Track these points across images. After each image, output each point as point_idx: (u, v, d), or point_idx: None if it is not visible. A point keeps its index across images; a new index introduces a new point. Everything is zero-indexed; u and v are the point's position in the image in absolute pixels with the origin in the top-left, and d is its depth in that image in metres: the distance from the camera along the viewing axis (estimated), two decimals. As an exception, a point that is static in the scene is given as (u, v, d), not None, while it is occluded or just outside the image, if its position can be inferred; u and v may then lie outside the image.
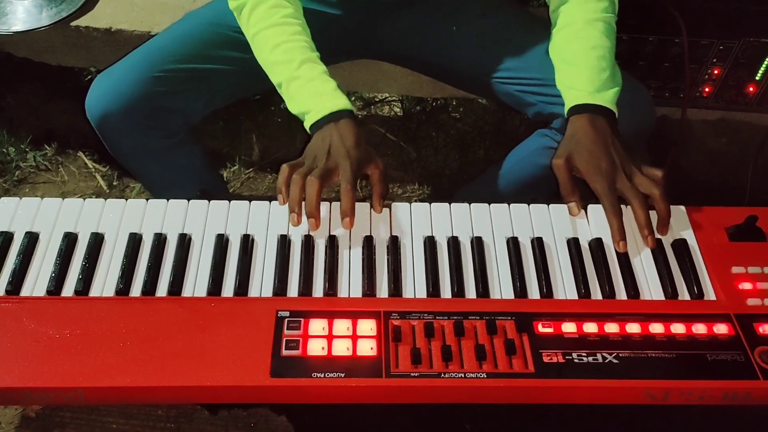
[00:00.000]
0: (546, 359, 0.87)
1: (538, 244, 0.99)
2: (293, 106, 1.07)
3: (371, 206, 1.02)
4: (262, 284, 0.94)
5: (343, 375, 0.85)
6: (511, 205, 1.04)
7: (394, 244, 0.98)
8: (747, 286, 0.96)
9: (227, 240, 0.98)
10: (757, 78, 1.48)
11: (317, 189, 0.97)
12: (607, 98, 1.03)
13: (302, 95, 1.05)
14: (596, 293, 0.95)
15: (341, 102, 1.04)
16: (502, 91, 1.25)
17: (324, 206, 1.02)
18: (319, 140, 1.02)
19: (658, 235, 1.00)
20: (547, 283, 0.95)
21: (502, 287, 0.95)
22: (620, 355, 0.88)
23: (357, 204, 1.02)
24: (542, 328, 0.90)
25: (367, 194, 1.84)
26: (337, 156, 1.00)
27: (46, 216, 1.00)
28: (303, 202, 0.98)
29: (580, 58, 1.06)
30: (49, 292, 0.92)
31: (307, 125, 1.05)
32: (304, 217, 0.98)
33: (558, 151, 1.02)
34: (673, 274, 0.96)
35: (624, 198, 0.98)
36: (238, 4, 1.10)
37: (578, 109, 1.03)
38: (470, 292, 0.94)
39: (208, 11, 1.25)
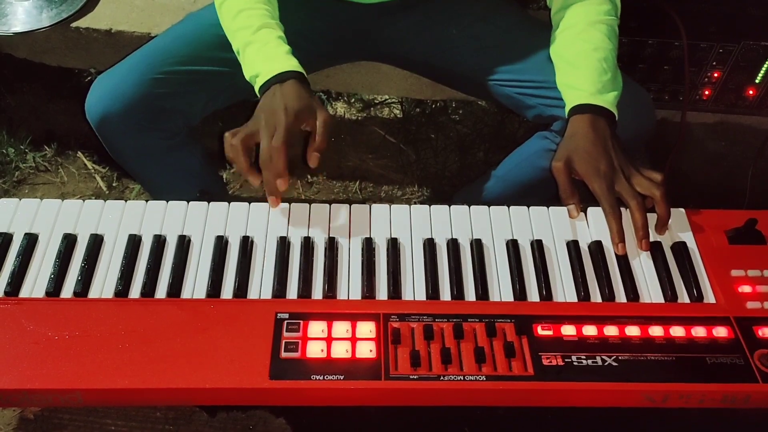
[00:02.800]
0: (545, 362, 0.87)
1: (537, 246, 0.99)
2: (246, 71, 1.07)
3: (369, 206, 1.02)
4: (261, 286, 0.94)
5: (342, 377, 0.84)
6: (511, 207, 1.04)
7: (393, 246, 0.98)
8: (746, 289, 0.96)
9: (226, 241, 0.98)
10: (756, 81, 1.48)
11: (282, 155, 0.95)
12: (608, 100, 1.03)
13: (254, 59, 1.05)
14: (596, 296, 0.95)
15: (290, 64, 1.03)
16: (501, 93, 1.25)
17: (324, 207, 1.02)
18: (264, 100, 1.02)
19: (658, 237, 1.00)
20: (547, 285, 0.95)
21: (501, 290, 0.95)
22: (620, 358, 0.88)
23: (357, 206, 1.03)
24: (542, 331, 0.90)
25: (366, 196, 1.84)
26: (277, 111, 0.98)
27: (45, 217, 1.00)
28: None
29: (581, 60, 1.06)
30: (48, 293, 0.92)
31: (257, 88, 1.05)
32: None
33: (557, 153, 1.02)
34: (673, 277, 0.96)
35: (622, 200, 0.98)
36: None
37: (579, 109, 1.03)
38: (470, 294, 0.94)
39: (209, 13, 1.25)
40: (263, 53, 1.05)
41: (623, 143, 1.02)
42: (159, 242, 0.98)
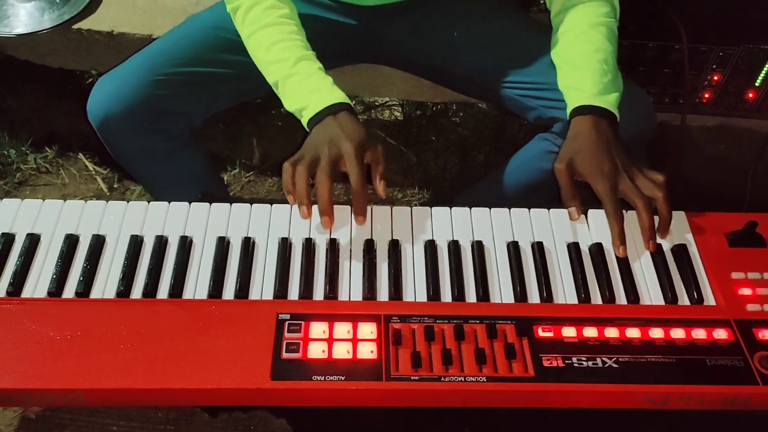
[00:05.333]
0: (546, 363, 0.87)
1: (538, 248, 0.99)
2: (290, 104, 1.06)
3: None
4: (262, 287, 0.94)
5: (343, 378, 0.85)
6: (512, 209, 1.05)
7: (394, 247, 0.98)
8: (746, 291, 0.96)
9: (228, 242, 0.99)
10: (756, 84, 1.48)
11: (328, 186, 0.97)
12: (609, 101, 1.03)
13: (299, 92, 1.05)
14: (596, 298, 0.95)
15: (338, 96, 1.03)
16: (502, 95, 1.26)
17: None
18: (318, 132, 1.01)
19: (659, 239, 1.00)
20: (548, 287, 0.95)
21: (502, 291, 0.95)
22: (620, 359, 0.88)
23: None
24: (542, 333, 0.90)
25: (371, 199, 1.84)
26: (338, 142, 0.98)
27: (47, 218, 1.01)
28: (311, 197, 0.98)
29: (582, 61, 1.06)
30: (50, 293, 0.92)
31: (305, 121, 1.04)
32: (315, 214, 0.98)
33: (560, 155, 1.02)
34: (673, 280, 0.97)
35: (628, 200, 0.98)
36: (234, 5, 1.11)
37: (581, 111, 1.03)
38: (470, 296, 0.95)
39: (210, 15, 1.25)
40: (308, 85, 1.04)
41: (626, 145, 1.02)
42: (161, 243, 0.98)
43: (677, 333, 0.91)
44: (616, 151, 1.00)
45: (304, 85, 1.05)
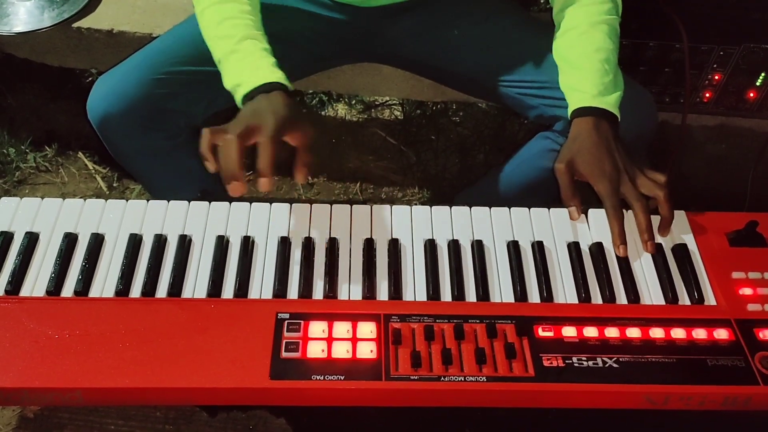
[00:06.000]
0: (546, 363, 0.87)
1: (538, 247, 0.99)
2: (227, 80, 1.03)
3: (371, 208, 1.02)
4: (262, 286, 0.94)
5: (342, 377, 0.84)
6: (512, 208, 1.04)
7: (394, 246, 0.98)
8: (747, 291, 0.96)
9: (227, 241, 0.98)
10: (757, 84, 1.48)
11: (236, 147, 0.91)
12: (610, 102, 1.03)
13: (237, 68, 1.02)
14: (596, 297, 0.95)
15: (276, 75, 1.00)
16: (503, 94, 1.26)
17: (325, 208, 1.02)
18: (246, 108, 0.98)
19: (660, 239, 1.00)
20: (548, 287, 0.95)
21: (502, 291, 0.95)
22: (620, 359, 0.88)
23: (357, 206, 1.03)
24: (542, 332, 0.90)
25: (367, 197, 1.84)
26: (261, 116, 0.94)
27: (46, 216, 1.00)
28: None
29: (583, 61, 1.06)
30: (48, 292, 0.92)
31: (238, 99, 1.01)
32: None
33: (560, 155, 1.02)
34: (674, 279, 0.96)
35: (626, 201, 0.98)
36: None
37: (582, 112, 1.03)
38: (470, 295, 0.94)
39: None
40: (247, 63, 1.02)
41: (627, 146, 1.02)
42: (160, 242, 0.98)
43: (678, 333, 0.91)
44: (617, 151, 1.00)
45: (244, 63, 1.02)
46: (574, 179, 1.01)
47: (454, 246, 0.99)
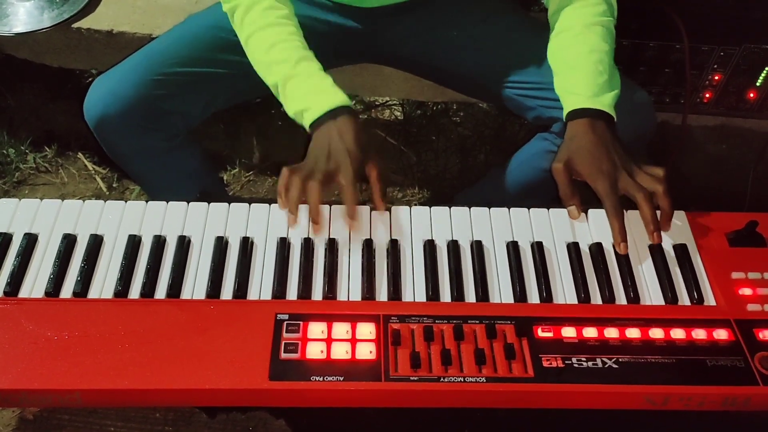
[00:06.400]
0: (545, 364, 0.87)
1: (538, 248, 0.99)
2: (291, 106, 1.05)
3: (371, 209, 1.02)
4: (261, 287, 0.94)
5: (342, 378, 0.84)
6: (511, 209, 1.04)
7: (393, 247, 0.98)
8: (747, 291, 0.96)
9: (227, 242, 0.98)
10: (757, 84, 1.48)
11: (317, 192, 0.97)
12: (605, 102, 1.03)
13: (300, 93, 1.04)
14: (596, 298, 0.95)
15: (339, 98, 1.03)
16: (502, 95, 1.25)
17: (324, 209, 1.02)
18: (319, 140, 1.01)
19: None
20: (547, 287, 0.95)
21: (501, 291, 0.95)
22: (620, 360, 0.88)
23: (357, 207, 1.02)
24: (542, 333, 0.90)
25: (367, 197, 1.84)
26: (337, 156, 0.99)
27: (45, 217, 1.00)
28: (303, 205, 0.97)
29: (577, 63, 1.06)
30: (47, 293, 0.92)
31: (306, 124, 1.04)
32: (302, 218, 0.97)
33: (558, 155, 1.02)
34: (673, 279, 0.96)
35: (628, 196, 0.98)
36: (231, 6, 1.09)
37: (576, 114, 1.03)
38: (470, 296, 0.94)
39: (209, 14, 1.25)
40: (309, 87, 1.04)
41: (624, 144, 1.02)
42: (159, 243, 0.97)
43: (677, 333, 0.90)
44: (614, 149, 1.00)
45: (304, 87, 1.04)
46: (572, 178, 1.01)
47: (453, 246, 0.99)
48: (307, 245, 0.97)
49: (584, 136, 1.00)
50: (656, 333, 0.90)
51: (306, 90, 1.04)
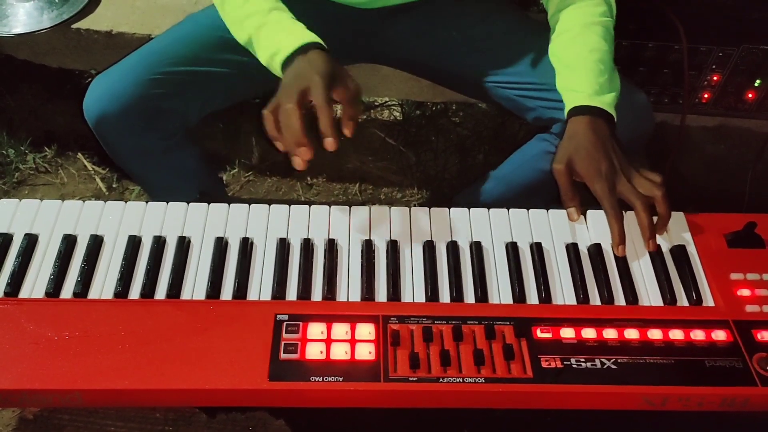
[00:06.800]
0: (544, 364, 0.87)
1: (537, 249, 0.99)
2: (263, 53, 1.03)
3: (370, 209, 1.02)
4: (260, 287, 0.94)
5: (341, 379, 0.85)
6: (510, 210, 1.05)
7: (393, 248, 0.98)
8: (745, 292, 0.96)
9: (226, 243, 0.98)
10: (756, 84, 1.48)
11: (296, 115, 0.92)
12: (605, 101, 1.03)
13: (271, 38, 1.02)
14: (595, 299, 0.95)
15: (311, 36, 1.01)
16: (501, 95, 1.26)
17: (324, 209, 1.03)
18: (288, 73, 0.99)
19: (657, 240, 1.00)
20: (546, 288, 0.95)
21: (500, 292, 0.95)
22: (618, 360, 0.88)
23: (357, 208, 1.03)
24: (541, 334, 0.90)
25: (366, 198, 1.85)
26: (307, 77, 0.95)
27: (45, 218, 1.00)
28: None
29: (579, 62, 1.06)
30: (47, 293, 0.92)
31: (276, 67, 1.01)
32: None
33: (557, 155, 1.02)
34: (672, 281, 0.97)
35: (626, 201, 0.98)
36: None
37: (578, 111, 1.03)
38: (469, 296, 0.94)
39: (208, 14, 1.25)
40: (279, 30, 1.02)
41: (623, 145, 1.02)
42: (159, 243, 0.98)
43: (676, 334, 0.91)
44: (613, 150, 1.00)
45: (276, 31, 1.03)
46: (573, 180, 1.01)
47: (452, 247, 0.99)
48: (307, 246, 0.98)
49: (584, 135, 1.00)
50: (655, 334, 0.90)
51: (276, 34, 1.02)
